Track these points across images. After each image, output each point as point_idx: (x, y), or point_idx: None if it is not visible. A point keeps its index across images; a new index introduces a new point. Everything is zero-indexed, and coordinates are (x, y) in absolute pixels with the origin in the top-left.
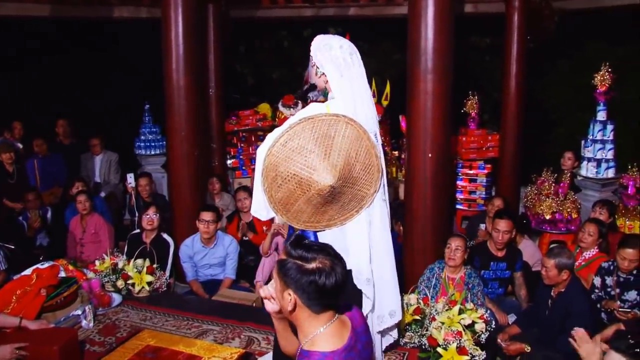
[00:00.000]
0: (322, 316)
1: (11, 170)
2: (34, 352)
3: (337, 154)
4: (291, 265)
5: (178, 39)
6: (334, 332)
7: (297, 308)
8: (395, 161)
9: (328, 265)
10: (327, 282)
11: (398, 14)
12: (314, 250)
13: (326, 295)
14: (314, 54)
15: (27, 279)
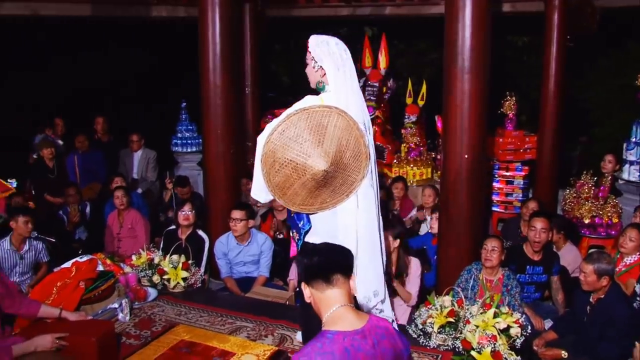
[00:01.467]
0: (329, 298)
1: (52, 166)
2: (72, 342)
3: (329, 142)
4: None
5: (215, 38)
6: (342, 316)
7: (311, 295)
8: (430, 162)
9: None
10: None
11: (435, 13)
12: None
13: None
14: (313, 50)
15: (66, 272)
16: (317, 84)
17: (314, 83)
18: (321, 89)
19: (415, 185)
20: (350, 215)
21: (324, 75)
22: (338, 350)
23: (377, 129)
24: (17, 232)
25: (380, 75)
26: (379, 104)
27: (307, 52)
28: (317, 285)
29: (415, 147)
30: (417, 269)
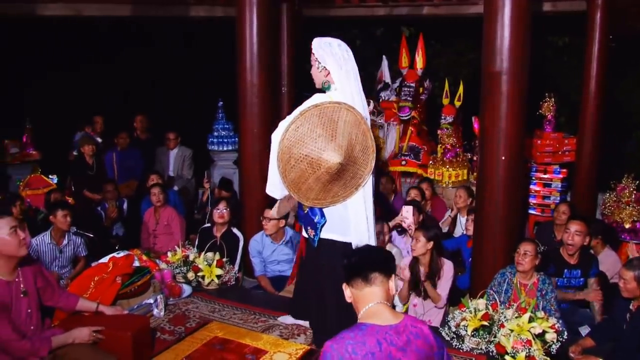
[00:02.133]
0: (366, 296)
1: (91, 163)
2: (108, 336)
3: (341, 136)
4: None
5: (252, 38)
6: (377, 312)
7: (352, 296)
8: (466, 163)
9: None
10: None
11: (473, 13)
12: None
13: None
14: (316, 51)
15: (104, 267)
16: (323, 83)
17: (319, 83)
18: (327, 88)
19: (451, 186)
20: (360, 206)
21: (328, 74)
22: (370, 342)
23: (413, 130)
24: (56, 226)
25: (417, 76)
26: (415, 104)
27: (311, 54)
28: (356, 284)
29: (452, 148)
30: (449, 271)
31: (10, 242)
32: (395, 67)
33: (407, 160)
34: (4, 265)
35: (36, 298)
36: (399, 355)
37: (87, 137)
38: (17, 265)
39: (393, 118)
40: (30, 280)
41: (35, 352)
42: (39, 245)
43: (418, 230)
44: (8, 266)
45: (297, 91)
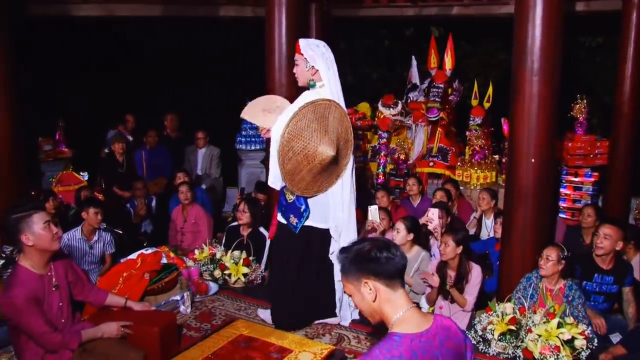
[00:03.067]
0: (399, 295)
1: (121, 161)
2: (136, 331)
3: (332, 131)
4: (351, 260)
5: (281, 38)
6: (411, 318)
7: (377, 294)
8: (495, 165)
9: (380, 241)
10: (388, 253)
11: (503, 13)
12: (357, 242)
13: (393, 264)
14: (305, 52)
15: (132, 263)
16: (308, 81)
17: (304, 82)
18: (312, 86)
19: (479, 188)
20: (337, 195)
21: (315, 73)
22: (406, 353)
23: (441, 131)
24: (87, 223)
25: (446, 77)
26: (443, 105)
27: (298, 54)
28: (393, 285)
29: (480, 149)
30: (477, 276)
31: (44, 236)
32: (424, 68)
33: (435, 161)
34: (38, 259)
35: (67, 292)
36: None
37: (118, 135)
38: (50, 260)
39: (421, 119)
40: (62, 274)
41: (66, 344)
42: (70, 241)
43: (447, 234)
44: (41, 260)
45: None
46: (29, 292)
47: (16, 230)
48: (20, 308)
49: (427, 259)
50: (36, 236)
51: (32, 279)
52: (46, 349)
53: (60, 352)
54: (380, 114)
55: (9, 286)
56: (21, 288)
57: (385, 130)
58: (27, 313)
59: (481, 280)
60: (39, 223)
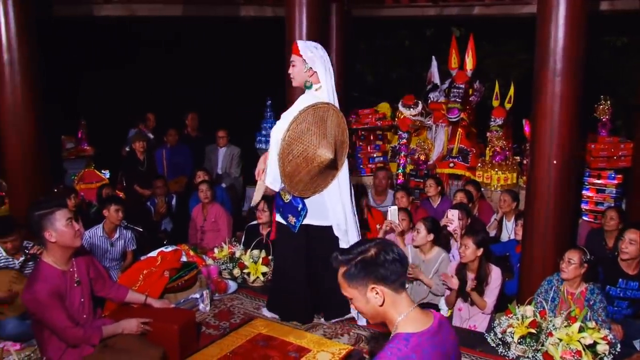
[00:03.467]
0: (402, 298)
1: (142, 159)
2: (156, 328)
3: (330, 134)
4: (356, 266)
5: (302, 38)
6: (415, 317)
7: (384, 298)
8: (516, 167)
9: (382, 244)
10: (393, 254)
11: (526, 13)
12: (362, 244)
13: (399, 265)
14: (304, 53)
15: (152, 260)
16: (305, 82)
17: (300, 82)
18: (308, 87)
19: (499, 190)
20: (336, 194)
21: (313, 75)
22: (417, 351)
23: (461, 131)
24: (109, 220)
25: (467, 77)
26: (464, 106)
27: (296, 55)
28: (397, 287)
29: (501, 150)
30: (497, 278)
31: (67, 232)
32: (445, 68)
33: (455, 162)
34: (60, 255)
35: (89, 288)
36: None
37: (139, 134)
38: (72, 256)
39: (442, 119)
40: (84, 270)
41: (87, 339)
42: (91, 238)
43: (468, 236)
44: (64, 256)
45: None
46: (51, 288)
47: (39, 227)
48: (43, 303)
49: (447, 261)
50: (59, 233)
51: (55, 275)
52: (68, 344)
53: (81, 347)
54: (401, 114)
55: (33, 281)
56: (44, 283)
57: (406, 131)
58: (49, 308)
59: (501, 283)
60: (62, 220)
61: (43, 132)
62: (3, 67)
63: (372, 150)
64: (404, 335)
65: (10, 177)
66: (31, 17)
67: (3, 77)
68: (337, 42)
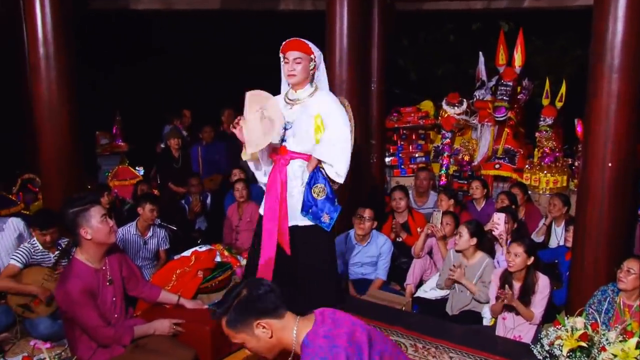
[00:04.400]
0: (287, 318)
1: (177, 156)
2: (188, 329)
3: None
4: (234, 311)
5: (342, 32)
6: (304, 323)
7: (272, 329)
8: (567, 169)
9: (247, 283)
10: (262, 287)
11: (580, 5)
12: (229, 292)
13: (272, 294)
14: (315, 51)
15: (186, 260)
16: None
17: (300, 80)
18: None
19: (548, 193)
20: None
21: (310, 75)
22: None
23: (508, 131)
24: (142, 219)
25: (515, 74)
26: (512, 104)
27: (304, 53)
28: (279, 313)
29: (551, 152)
30: (545, 287)
31: (102, 229)
32: (492, 65)
33: (501, 163)
34: (94, 252)
35: (121, 287)
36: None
37: (174, 131)
38: (105, 254)
39: (487, 119)
40: (116, 269)
41: (119, 339)
42: (124, 236)
43: (518, 243)
44: (97, 254)
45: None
46: (84, 285)
47: (74, 224)
48: (75, 300)
49: (491, 266)
50: (94, 229)
51: (88, 273)
52: (98, 343)
53: (112, 347)
54: (444, 112)
55: (65, 279)
56: (77, 280)
57: (449, 130)
58: (81, 305)
59: (549, 292)
60: (97, 216)
61: (78, 127)
62: (39, 61)
63: (414, 150)
64: (307, 339)
65: (44, 173)
66: (67, 11)
67: (39, 71)
68: (378, 36)
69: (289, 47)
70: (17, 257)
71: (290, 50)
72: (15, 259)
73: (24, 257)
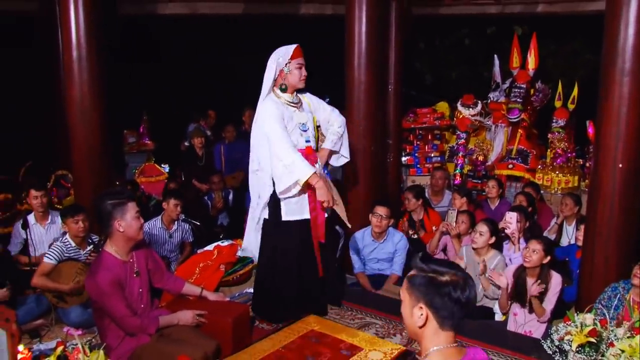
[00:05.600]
0: (446, 335)
1: (201, 154)
2: (210, 320)
3: None
4: (422, 279)
5: (361, 36)
6: (448, 354)
7: (426, 323)
8: (578, 169)
9: (462, 279)
10: (462, 295)
11: (592, 10)
12: (446, 266)
13: (458, 309)
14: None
15: (209, 254)
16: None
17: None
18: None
19: (559, 193)
20: None
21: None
22: None
23: (522, 132)
24: (167, 213)
25: (529, 77)
26: (525, 106)
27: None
28: (447, 324)
29: (563, 153)
30: (557, 285)
31: (134, 224)
32: (506, 68)
33: (514, 163)
34: (122, 245)
35: (147, 279)
36: None
37: (198, 130)
38: (133, 248)
39: (501, 120)
40: (143, 262)
41: (145, 329)
42: (151, 229)
43: (538, 241)
44: (126, 247)
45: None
46: (113, 277)
47: (109, 216)
48: (104, 290)
49: (503, 263)
50: (127, 224)
51: (116, 265)
52: (126, 332)
53: (138, 335)
54: (460, 114)
55: (95, 270)
56: (106, 272)
57: (464, 131)
58: (110, 296)
59: (561, 289)
60: (132, 212)
61: (108, 126)
62: (72, 63)
63: (430, 149)
64: None
65: (76, 170)
66: (99, 16)
67: (72, 74)
68: (395, 40)
69: (300, 54)
70: (50, 255)
71: (301, 56)
72: (48, 257)
73: (57, 254)
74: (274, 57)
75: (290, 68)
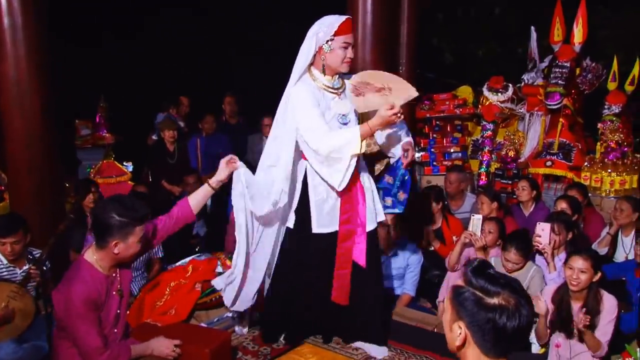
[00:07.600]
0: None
1: (172, 150)
2: (185, 351)
3: None
4: (469, 296)
5: (366, 7)
6: None
7: (466, 344)
8: (637, 167)
9: (512, 304)
10: (508, 324)
11: None
12: (499, 284)
13: (504, 338)
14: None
15: (182, 271)
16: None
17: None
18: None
19: (612, 196)
20: None
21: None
22: None
23: (564, 122)
24: None
25: (574, 53)
26: (568, 89)
27: (351, 36)
28: (489, 352)
29: (617, 146)
30: (612, 309)
31: (132, 250)
32: (545, 42)
33: (554, 160)
34: (108, 261)
35: (126, 303)
36: None
37: (169, 121)
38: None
39: (538, 107)
40: (127, 283)
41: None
42: None
43: (585, 258)
44: (111, 263)
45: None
46: (90, 293)
47: (109, 233)
48: (77, 310)
49: (540, 276)
50: (126, 246)
51: (97, 278)
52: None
53: None
54: (486, 100)
55: (69, 281)
56: (82, 286)
57: (491, 121)
58: (83, 319)
59: (617, 315)
60: (136, 237)
61: (54, 114)
62: (3, 32)
63: (449, 144)
64: None
65: (11, 168)
66: None
67: (4, 45)
68: (408, 11)
69: (350, 29)
70: None
71: (350, 32)
72: None
73: None
74: (315, 29)
75: (332, 46)
